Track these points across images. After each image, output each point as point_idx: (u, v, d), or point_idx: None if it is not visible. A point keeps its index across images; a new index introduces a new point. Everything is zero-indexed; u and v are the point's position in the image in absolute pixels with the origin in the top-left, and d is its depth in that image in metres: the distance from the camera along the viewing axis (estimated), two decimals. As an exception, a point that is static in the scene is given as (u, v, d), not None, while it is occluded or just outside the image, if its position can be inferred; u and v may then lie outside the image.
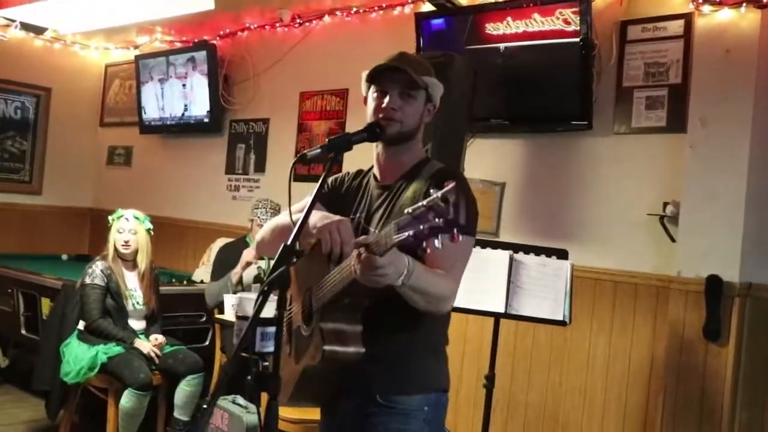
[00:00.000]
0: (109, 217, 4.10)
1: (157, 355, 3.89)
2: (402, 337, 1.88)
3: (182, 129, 5.93)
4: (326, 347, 1.74)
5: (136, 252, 4.05)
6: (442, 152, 3.51)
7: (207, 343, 4.72)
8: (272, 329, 1.53)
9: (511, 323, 3.61)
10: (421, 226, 1.38)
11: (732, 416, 3.21)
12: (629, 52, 3.71)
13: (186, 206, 5.98)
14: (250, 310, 1.54)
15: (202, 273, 5.19)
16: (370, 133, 1.89)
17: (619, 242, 3.70)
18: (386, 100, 1.94)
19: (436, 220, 1.36)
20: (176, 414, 3.95)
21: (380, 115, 1.94)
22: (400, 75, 1.94)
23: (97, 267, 3.95)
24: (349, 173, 2.17)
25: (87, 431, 4.17)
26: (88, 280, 3.91)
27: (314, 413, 3.37)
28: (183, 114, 5.86)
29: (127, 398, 3.72)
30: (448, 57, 3.56)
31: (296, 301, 1.97)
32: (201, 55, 5.63)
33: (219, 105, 5.63)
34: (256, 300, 1.46)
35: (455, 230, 1.36)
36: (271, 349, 1.54)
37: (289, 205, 1.88)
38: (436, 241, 1.39)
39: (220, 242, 5.19)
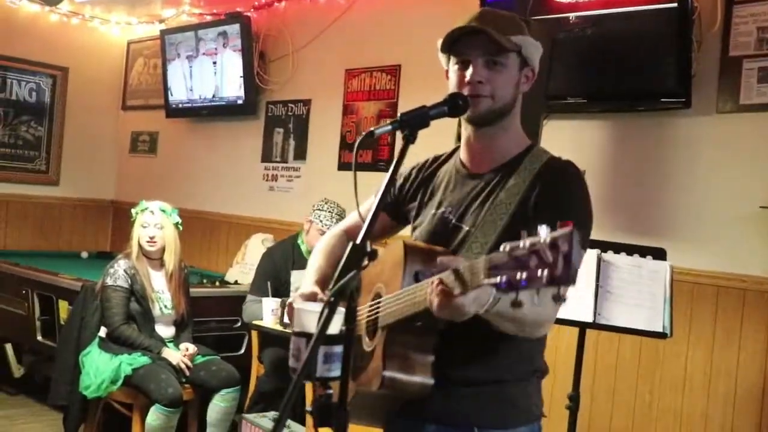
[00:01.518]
0: (133, 210, 3.99)
1: (187, 367, 3.78)
2: (500, 362, 1.72)
3: (213, 112, 5.80)
4: (386, 373, 1.58)
5: (163, 249, 3.93)
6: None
7: (242, 351, 4.61)
8: (338, 349, 1.33)
9: (591, 333, 3.39)
10: (519, 275, 1.19)
11: None
12: (737, 15, 3.45)
13: (217, 198, 5.86)
14: (309, 325, 1.36)
15: (236, 273, 5.07)
16: (452, 106, 1.69)
17: (723, 240, 3.45)
18: (469, 71, 1.75)
19: (539, 272, 1.16)
20: (209, 433, 3.84)
21: (464, 91, 1.75)
22: (484, 38, 1.73)
23: (120, 267, 3.83)
24: (421, 163, 1.99)
25: (109, 451, 4.06)
26: (109, 282, 3.80)
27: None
28: (214, 95, 5.73)
29: (154, 415, 3.60)
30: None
31: (362, 303, 1.79)
32: (233, 29, 5.49)
33: (254, 85, 5.49)
34: (321, 312, 1.26)
35: (560, 289, 1.16)
36: (337, 373, 1.35)
37: (356, 194, 1.67)
38: (534, 297, 1.20)
39: (257, 239, 5.08)
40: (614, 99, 3.78)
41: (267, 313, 3.99)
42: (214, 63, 5.68)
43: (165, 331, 3.93)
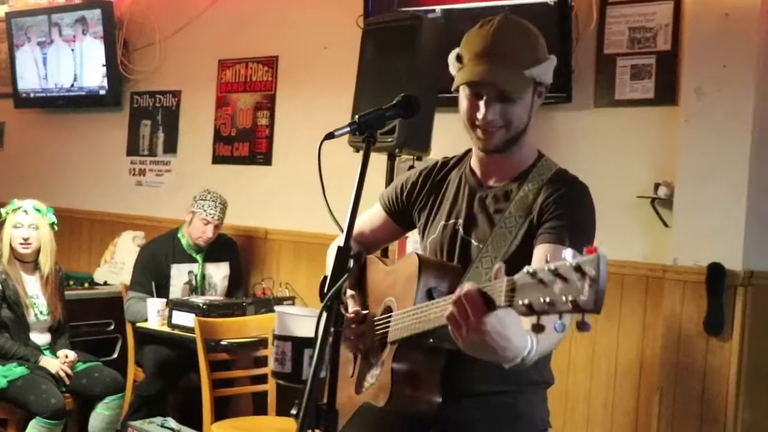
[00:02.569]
0: (2, 210, 3.74)
1: (67, 375, 3.59)
2: (506, 374, 1.67)
3: (71, 102, 5.52)
4: (394, 390, 1.58)
5: (38, 251, 3.71)
6: (410, 129, 3.39)
7: (115, 355, 4.44)
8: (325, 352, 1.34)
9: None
10: (542, 299, 1.17)
11: (735, 418, 3.24)
12: (611, 16, 3.66)
13: (78, 194, 5.58)
14: (292, 328, 1.35)
15: (106, 273, 4.89)
16: (407, 108, 1.71)
17: (603, 228, 3.61)
18: (481, 108, 1.73)
19: (563, 298, 1.14)
20: (92, 444, 3.68)
21: (477, 127, 1.75)
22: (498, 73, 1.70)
23: (-11, 271, 3.59)
24: (429, 167, 1.98)
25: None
26: (-23, 288, 3.55)
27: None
28: (72, 85, 5.44)
29: (35, 429, 3.42)
30: (416, 19, 3.42)
31: (371, 313, 1.77)
32: (93, 15, 5.24)
33: (117, 74, 5.27)
34: (318, 317, 1.26)
35: (584, 316, 1.14)
36: (322, 374, 1.35)
37: (324, 194, 1.64)
38: (555, 323, 1.19)
39: (127, 237, 4.91)
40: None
41: (152, 314, 3.88)
42: (73, 50, 5.39)
43: (40, 338, 3.73)
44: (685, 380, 3.30)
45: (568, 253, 1.16)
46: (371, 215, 2.01)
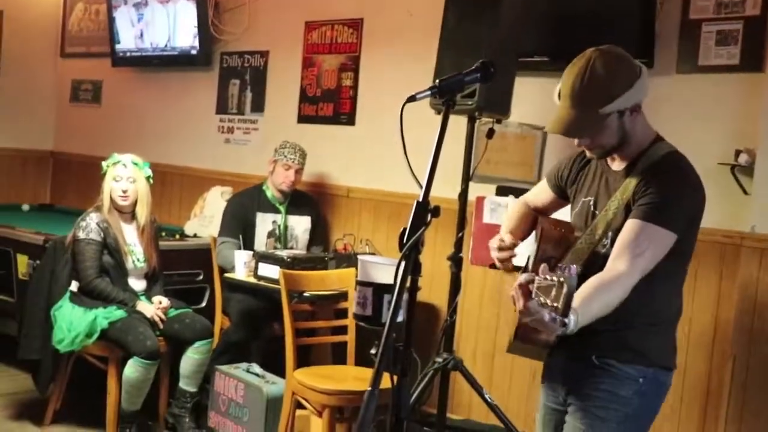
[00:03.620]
0: (103, 163, 4.00)
1: (161, 320, 3.85)
2: (618, 314, 1.99)
3: (165, 62, 5.77)
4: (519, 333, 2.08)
5: (135, 203, 3.97)
6: (490, 93, 3.49)
7: (204, 304, 4.70)
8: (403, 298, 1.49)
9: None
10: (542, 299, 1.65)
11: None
12: (698, -20, 3.66)
13: (169, 150, 5.86)
14: (373, 275, 1.51)
15: (195, 226, 5.14)
16: (484, 73, 1.84)
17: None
18: (574, 140, 2.14)
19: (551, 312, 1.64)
20: (182, 385, 3.94)
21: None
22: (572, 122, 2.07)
23: (92, 220, 3.86)
24: (577, 153, 2.32)
25: (81, 404, 4.12)
26: (81, 235, 3.83)
27: (346, 384, 3.39)
28: (166, 45, 5.69)
29: (132, 368, 3.68)
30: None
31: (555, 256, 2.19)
32: (187, -23, 5.45)
33: (208, 34, 5.49)
34: (397, 265, 1.41)
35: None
36: (401, 318, 1.51)
37: (405, 153, 1.78)
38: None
39: (216, 192, 5.15)
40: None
41: (239, 265, 4.10)
42: (167, 11, 5.64)
43: (137, 284, 3.99)
44: (760, 348, 3.35)
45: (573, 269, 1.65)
46: (539, 188, 2.46)
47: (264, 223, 4.48)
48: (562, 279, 1.63)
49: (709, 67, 3.63)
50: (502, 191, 3.41)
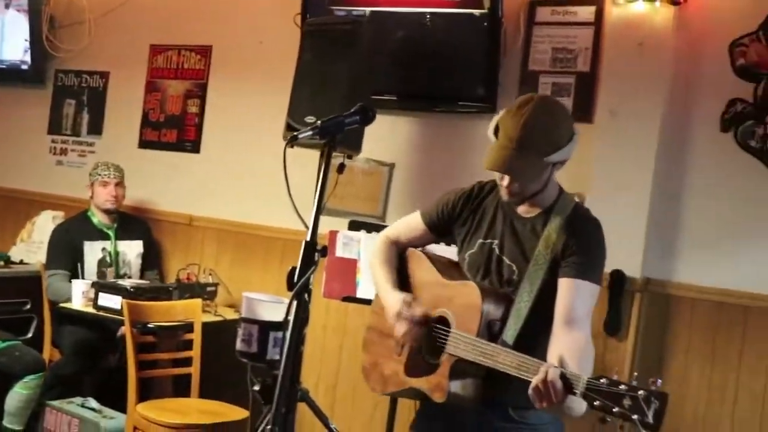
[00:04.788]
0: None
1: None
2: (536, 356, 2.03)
3: (-10, 75, 5.48)
4: (451, 391, 2.00)
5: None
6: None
7: (30, 335, 4.47)
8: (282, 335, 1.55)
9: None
10: (615, 409, 1.62)
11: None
12: (537, 35, 3.96)
13: (-7, 171, 5.54)
14: (260, 312, 1.55)
15: (22, 251, 4.91)
16: (363, 117, 1.94)
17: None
18: (504, 181, 2.11)
19: (633, 416, 1.60)
20: (6, 423, 3.78)
21: (501, 186, 2.12)
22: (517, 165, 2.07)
23: None
24: (467, 191, 2.32)
25: None
26: None
27: (190, 418, 3.37)
28: (-7, 57, 5.42)
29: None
30: (355, 24, 3.62)
31: (419, 302, 2.16)
32: (19, -12, 5.23)
33: (42, 50, 5.28)
34: (289, 304, 1.47)
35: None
36: (278, 356, 1.56)
37: (289, 192, 1.84)
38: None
39: (47, 216, 4.96)
40: (425, 99, 4.12)
41: (77, 295, 3.96)
42: (-5, 23, 5.37)
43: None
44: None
45: (639, 391, 1.65)
46: (408, 225, 2.39)
47: (93, 251, 4.36)
48: (647, 393, 1.63)
49: (545, 116, 3.92)
50: (354, 226, 3.51)
